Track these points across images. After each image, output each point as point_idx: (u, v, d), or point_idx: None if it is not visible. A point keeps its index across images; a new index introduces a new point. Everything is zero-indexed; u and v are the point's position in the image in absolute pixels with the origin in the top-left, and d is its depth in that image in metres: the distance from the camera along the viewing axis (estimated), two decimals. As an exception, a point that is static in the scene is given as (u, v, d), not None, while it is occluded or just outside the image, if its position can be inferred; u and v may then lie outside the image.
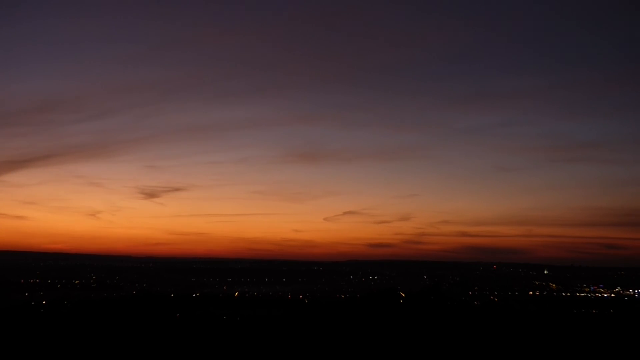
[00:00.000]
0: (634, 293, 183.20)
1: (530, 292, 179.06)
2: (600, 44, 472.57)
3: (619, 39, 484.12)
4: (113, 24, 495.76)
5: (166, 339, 52.75)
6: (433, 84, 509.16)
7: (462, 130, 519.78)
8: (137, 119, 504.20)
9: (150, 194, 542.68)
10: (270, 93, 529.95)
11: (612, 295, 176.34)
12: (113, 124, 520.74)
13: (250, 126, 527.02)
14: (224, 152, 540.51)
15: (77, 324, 64.26)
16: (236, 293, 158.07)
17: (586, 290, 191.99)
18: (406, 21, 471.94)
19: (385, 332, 58.22)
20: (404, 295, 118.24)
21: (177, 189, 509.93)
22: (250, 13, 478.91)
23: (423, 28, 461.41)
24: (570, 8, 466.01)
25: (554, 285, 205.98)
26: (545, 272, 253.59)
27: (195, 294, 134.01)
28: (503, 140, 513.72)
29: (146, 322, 68.04)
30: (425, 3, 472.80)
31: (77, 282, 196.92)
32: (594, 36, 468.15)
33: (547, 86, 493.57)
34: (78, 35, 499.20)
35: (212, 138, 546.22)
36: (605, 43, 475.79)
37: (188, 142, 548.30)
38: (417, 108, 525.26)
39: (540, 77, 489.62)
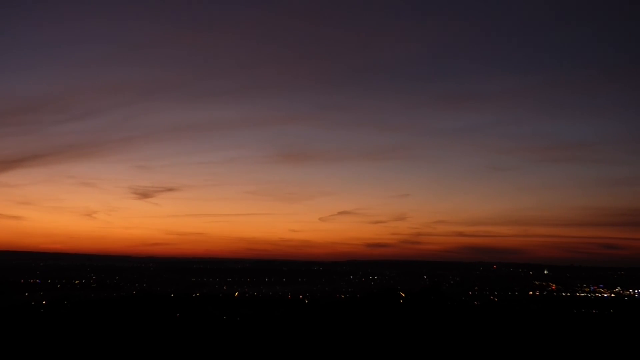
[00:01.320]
0: (634, 293, 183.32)
1: (530, 292, 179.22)
2: (595, 43, 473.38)
3: (614, 38, 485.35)
4: (102, 24, 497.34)
5: (166, 339, 52.71)
6: (426, 83, 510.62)
7: (455, 130, 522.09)
8: (125, 119, 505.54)
9: (144, 194, 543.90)
10: (259, 93, 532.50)
11: (612, 295, 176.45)
12: (101, 124, 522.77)
13: (239, 126, 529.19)
14: (213, 152, 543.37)
15: (77, 324, 64.20)
16: (236, 293, 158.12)
17: (586, 290, 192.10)
18: (399, 20, 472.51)
19: (385, 332, 58.18)
20: (404, 295, 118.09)
21: (169, 189, 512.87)
22: (238, 12, 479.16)
23: (417, 27, 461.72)
24: (562, 7, 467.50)
25: (554, 285, 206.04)
26: (545, 272, 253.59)
27: (195, 294, 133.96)
28: (496, 139, 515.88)
29: (146, 322, 67.99)
30: (414, 2, 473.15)
31: (77, 282, 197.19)
32: (590, 35, 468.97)
33: (541, 85, 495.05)
34: (65, 36, 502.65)
35: (201, 138, 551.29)
36: (600, 42, 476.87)
37: (176, 141, 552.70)
38: (409, 107, 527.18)
39: (534, 76, 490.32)
